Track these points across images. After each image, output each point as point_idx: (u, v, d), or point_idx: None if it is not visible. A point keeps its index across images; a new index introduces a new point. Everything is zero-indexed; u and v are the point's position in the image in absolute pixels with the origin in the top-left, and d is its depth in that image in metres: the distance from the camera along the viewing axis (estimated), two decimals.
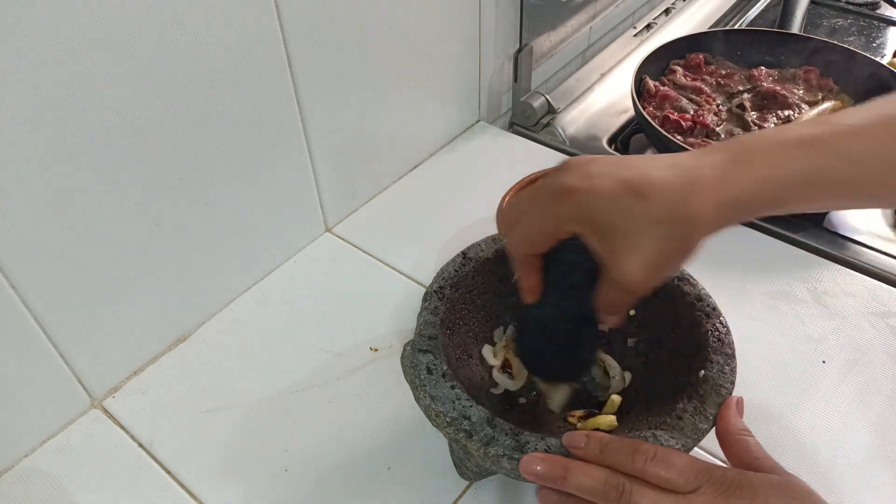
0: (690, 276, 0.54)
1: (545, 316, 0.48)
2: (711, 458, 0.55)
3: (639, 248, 0.37)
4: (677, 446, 0.42)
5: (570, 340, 0.49)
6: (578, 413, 0.52)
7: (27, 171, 0.48)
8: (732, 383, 0.47)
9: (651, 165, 0.38)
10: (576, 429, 0.51)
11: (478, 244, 0.56)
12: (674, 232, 0.37)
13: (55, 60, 0.46)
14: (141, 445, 0.58)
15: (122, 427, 0.60)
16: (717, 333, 0.49)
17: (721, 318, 0.50)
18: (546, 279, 0.45)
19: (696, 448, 0.57)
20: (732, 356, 0.48)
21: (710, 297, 0.52)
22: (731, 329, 0.50)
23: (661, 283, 0.38)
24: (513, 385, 0.55)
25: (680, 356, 0.51)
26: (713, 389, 0.46)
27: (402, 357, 0.49)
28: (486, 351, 0.56)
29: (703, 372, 0.47)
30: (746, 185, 0.37)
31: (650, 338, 0.55)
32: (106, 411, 0.61)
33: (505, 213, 0.43)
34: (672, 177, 0.37)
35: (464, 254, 0.55)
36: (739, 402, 0.45)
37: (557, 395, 0.53)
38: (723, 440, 0.44)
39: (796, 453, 0.56)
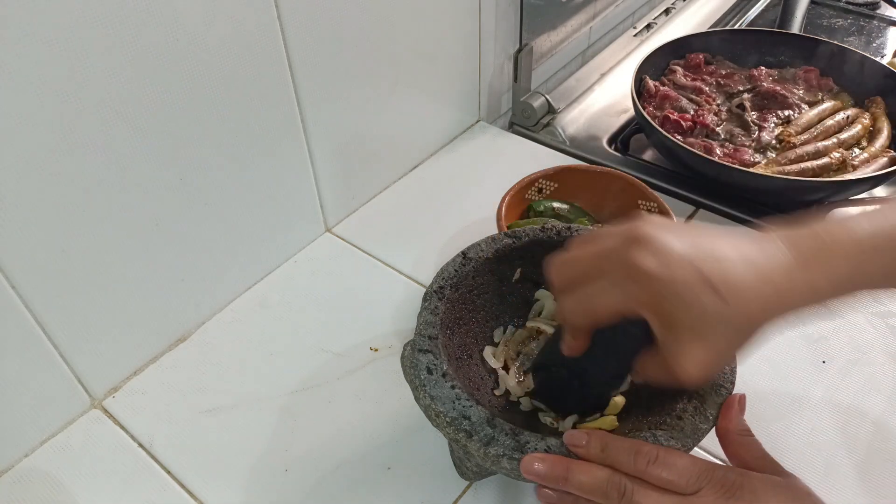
0: None
1: (583, 368, 0.47)
2: (711, 457, 0.55)
3: (703, 344, 0.36)
4: (678, 447, 0.42)
5: (598, 389, 0.49)
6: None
7: (27, 171, 0.48)
8: (732, 383, 0.47)
9: (728, 258, 0.36)
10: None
11: (478, 244, 0.56)
12: (741, 334, 0.37)
13: (54, 59, 0.46)
14: (141, 445, 0.58)
15: (122, 427, 0.60)
16: None
17: None
18: (593, 335, 0.44)
19: (696, 448, 0.57)
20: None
21: None
22: None
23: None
24: (519, 391, 0.54)
25: None
26: (713, 389, 0.46)
27: (402, 357, 0.49)
28: (487, 352, 0.56)
29: None
30: (820, 290, 0.37)
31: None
32: (106, 411, 0.61)
33: (562, 271, 0.41)
34: (748, 278, 0.36)
35: (464, 254, 0.55)
36: (742, 399, 0.45)
37: (568, 421, 0.53)
38: (724, 439, 0.44)
39: (796, 453, 0.56)
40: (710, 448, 0.56)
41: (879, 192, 0.80)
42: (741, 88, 0.92)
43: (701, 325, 0.36)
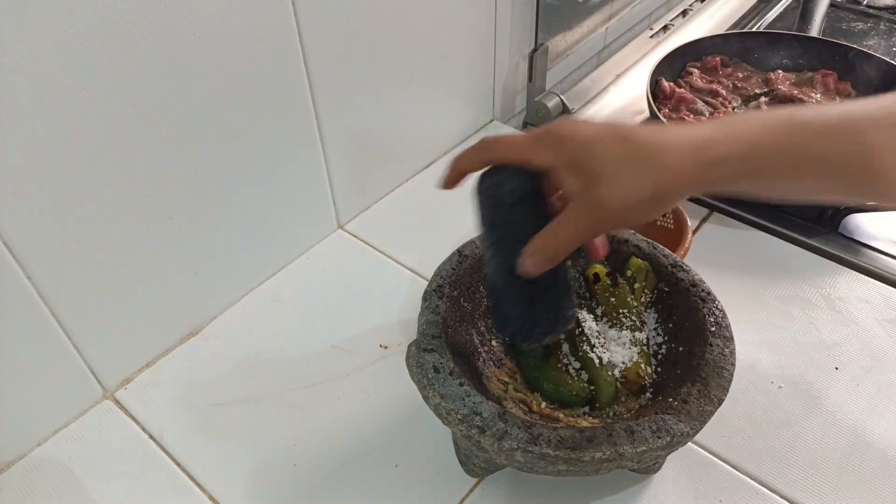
0: (684, 264, 0.54)
1: (499, 264, 0.45)
2: (713, 457, 0.55)
3: (617, 180, 0.38)
4: (686, 429, 0.43)
5: (530, 288, 0.45)
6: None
7: (43, 165, 0.49)
8: (733, 365, 0.47)
9: (638, 127, 0.40)
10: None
11: (472, 241, 0.56)
12: (651, 173, 0.38)
13: (72, 54, 0.47)
14: (151, 437, 0.59)
15: (134, 418, 0.60)
16: (714, 317, 0.50)
17: (717, 303, 0.51)
18: (486, 219, 0.46)
19: (700, 449, 0.57)
20: (731, 339, 0.49)
21: (704, 283, 0.53)
22: (741, 331, 0.50)
23: (628, 228, 0.41)
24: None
25: (679, 342, 0.52)
26: (715, 372, 0.46)
27: (408, 357, 0.49)
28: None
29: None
30: (730, 146, 0.38)
31: (650, 326, 0.55)
32: (118, 402, 0.62)
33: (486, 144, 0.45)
34: (657, 132, 0.39)
35: (459, 251, 0.55)
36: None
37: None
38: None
39: (807, 461, 0.55)
40: (712, 448, 0.55)
41: None
42: (758, 92, 0.91)
43: (611, 163, 0.39)
